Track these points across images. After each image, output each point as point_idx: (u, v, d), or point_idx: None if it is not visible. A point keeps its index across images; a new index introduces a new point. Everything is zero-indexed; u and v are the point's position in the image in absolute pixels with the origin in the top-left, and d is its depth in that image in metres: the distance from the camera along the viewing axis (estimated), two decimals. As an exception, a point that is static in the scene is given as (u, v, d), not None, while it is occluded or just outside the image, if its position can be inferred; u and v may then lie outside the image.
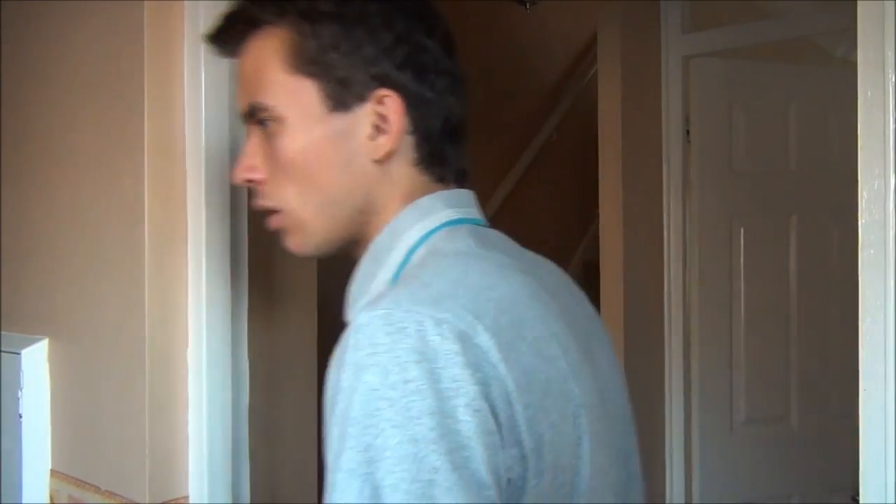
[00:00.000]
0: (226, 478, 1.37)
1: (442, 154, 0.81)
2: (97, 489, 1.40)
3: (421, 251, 0.76)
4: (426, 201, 0.79)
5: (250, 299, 1.43)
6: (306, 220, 0.79)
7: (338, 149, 0.77)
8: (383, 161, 0.78)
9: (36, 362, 1.50)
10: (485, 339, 0.63)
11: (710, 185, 2.55)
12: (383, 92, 0.77)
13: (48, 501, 1.50)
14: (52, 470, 1.50)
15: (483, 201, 3.45)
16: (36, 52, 1.55)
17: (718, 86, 2.56)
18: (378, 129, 0.77)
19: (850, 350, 1.01)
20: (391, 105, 0.77)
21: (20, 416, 1.49)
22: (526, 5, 3.56)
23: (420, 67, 0.78)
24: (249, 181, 0.81)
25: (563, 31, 3.84)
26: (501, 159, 3.53)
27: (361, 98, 0.77)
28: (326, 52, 0.76)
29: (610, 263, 2.63)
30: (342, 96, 0.76)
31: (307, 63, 0.76)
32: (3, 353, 1.53)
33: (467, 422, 0.60)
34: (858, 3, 0.90)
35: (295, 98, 0.77)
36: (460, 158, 0.85)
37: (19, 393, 1.49)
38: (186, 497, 1.35)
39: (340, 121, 0.77)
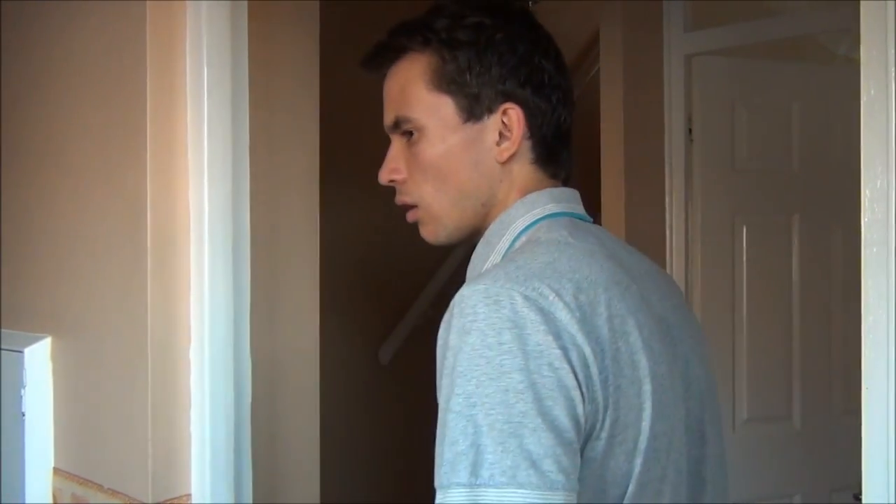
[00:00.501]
0: (228, 476, 1.37)
1: (555, 155, 0.96)
2: (100, 487, 1.40)
3: (523, 238, 0.91)
4: (534, 196, 0.94)
5: (252, 298, 1.43)
6: (441, 212, 0.95)
7: (469, 153, 0.93)
8: (506, 162, 0.94)
9: (39, 360, 1.50)
10: (563, 314, 0.78)
11: (712, 184, 2.55)
12: (508, 105, 0.93)
13: (51, 500, 1.50)
14: (54, 468, 1.50)
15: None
16: (39, 51, 1.56)
17: (721, 84, 2.55)
18: (502, 136, 0.93)
19: (852, 348, 1.01)
20: (513, 116, 0.93)
21: (23, 415, 1.49)
22: (528, 4, 3.56)
23: (538, 84, 0.94)
24: (392, 181, 0.97)
25: (565, 30, 3.83)
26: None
27: (490, 111, 0.93)
28: (462, 73, 0.92)
29: (612, 262, 2.63)
30: (474, 109, 0.93)
31: (446, 83, 0.93)
32: (6, 352, 1.54)
33: (550, 377, 0.75)
34: (861, 2, 0.89)
35: (435, 111, 0.93)
36: (569, 159, 0.99)
37: (22, 391, 1.49)
38: (189, 495, 1.35)
39: (472, 130, 0.93)
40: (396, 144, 0.97)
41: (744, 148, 2.58)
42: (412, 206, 0.97)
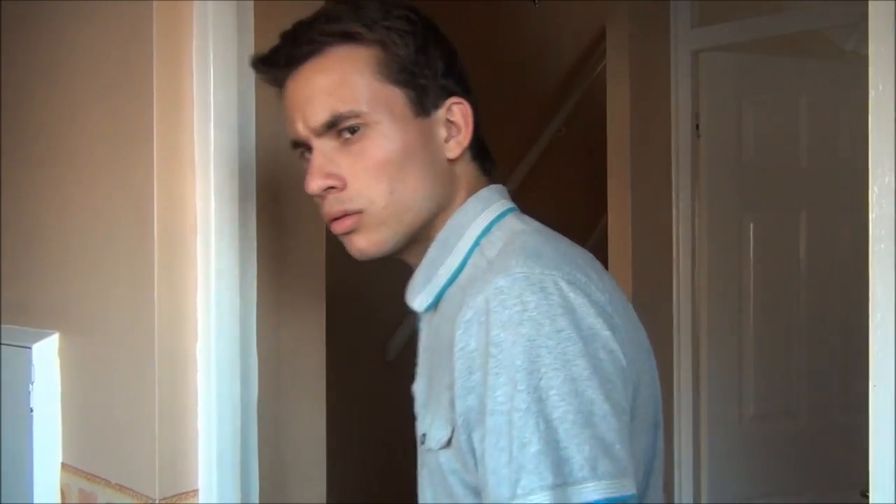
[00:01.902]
0: (235, 471, 1.37)
1: (486, 151, 0.95)
2: (108, 483, 1.40)
3: (497, 234, 0.87)
4: (485, 193, 0.92)
5: (259, 295, 1.43)
6: (393, 216, 0.87)
7: (425, 149, 0.88)
8: (454, 160, 0.90)
9: (47, 357, 1.51)
10: (599, 296, 0.78)
11: (719, 181, 2.54)
12: (454, 100, 0.90)
13: (59, 495, 1.51)
14: (62, 464, 1.51)
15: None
16: (46, 48, 1.56)
17: (728, 80, 2.55)
18: (449, 133, 0.90)
19: (860, 345, 1.01)
20: (460, 111, 0.90)
21: (31, 411, 1.50)
22: (534, 1, 3.55)
23: (464, 77, 0.93)
24: (329, 189, 0.87)
25: (571, 27, 3.83)
26: (509, 155, 3.52)
27: (436, 106, 0.89)
28: (411, 64, 0.87)
29: (618, 259, 2.63)
30: (423, 103, 0.88)
31: (395, 73, 0.87)
32: (14, 348, 1.54)
33: (607, 360, 0.74)
34: (869, -4, 0.89)
35: (387, 104, 0.86)
36: (488, 153, 0.97)
37: (30, 387, 1.50)
38: (196, 491, 1.36)
39: (423, 125, 0.88)
40: (324, 148, 0.87)
41: (751, 144, 2.57)
42: (350, 214, 0.87)
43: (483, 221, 0.89)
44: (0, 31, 1.66)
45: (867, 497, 0.90)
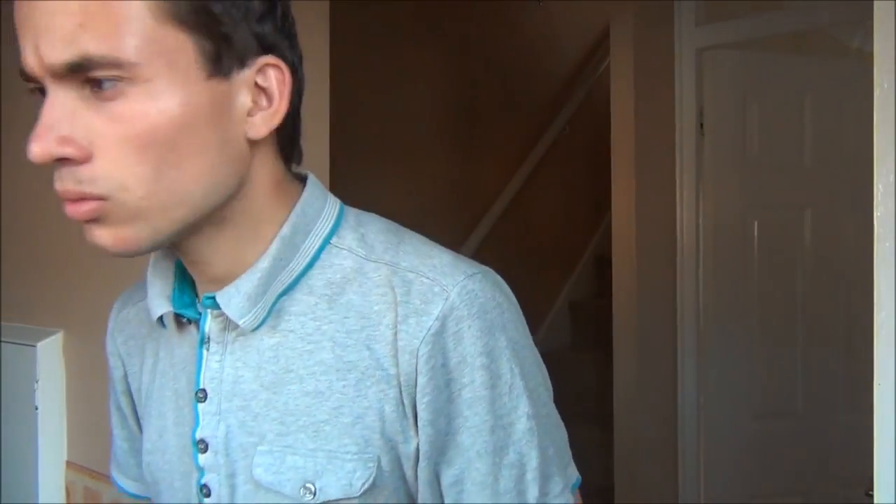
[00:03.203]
0: (239, 470, 1.37)
1: (296, 137, 0.72)
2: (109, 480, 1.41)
3: (361, 230, 0.71)
4: (317, 183, 0.73)
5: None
6: (154, 211, 0.61)
7: (215, 124, 0.62)
8: (259, 142, 0.66)
9: (51, 355, 1.51)
10: None
11: (723, 178, 2.54)
12: (269, 59, 0.64)
13: (64, 492, 1.51)
14: (67, 462, 1.51)
15: (495, 194, 3.45)
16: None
17: (732, 78, 2.54)
18: (256, 104, 0.65)
19: (864, 344, 1.01)
20: (275, 76, 0.64)
21: (36, 409, 1.50)
22: (537, 1, 3.55)
23: (292, 32, 0.68)
24: (62, 159, 0.60)
25: (575, 24, 3.82)
26: (513, 152, 3.52)
27: (242, 63, 0.63)
28: (212, 0, 0.61)
29: (622, 257, 2.63)
30: (223, 59, 0.62)
31: (188, 12, 0.60)
32: (19, 346, 1.55)
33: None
34: (874, -6, 0.89)
35: (167, 55, 0.59)
36: (300, 139, 0.73)
37: (35, 385, 1.50)
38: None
39: (218, 89, 0.62)
40: (64, 98, 0.60)
41: (755, 142, 2.56)
42: (90, 199, 0.61)
43: (330, 216, 0.71)
44: (0, 28, 1.66)
45: (871, 496, 0.90)
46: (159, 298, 0.73)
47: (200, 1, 0.60)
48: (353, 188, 2.55)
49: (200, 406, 0.71)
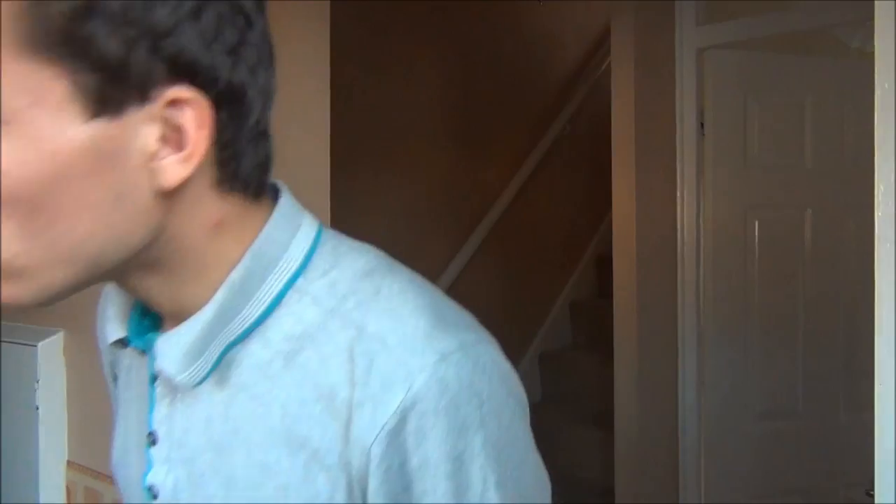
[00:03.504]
0: (240, 470, 1.37)
1: (249, 164, 0.56)
2: (113, 480, 1.41)
3: (332, 274, 0.57)
4: (285, 207, 0.59)
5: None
6: (31, 268, 0.51)
7: (101, 175, 0.50)
8: (178, 190, 0.52)
9: (52, 355, 1.51)
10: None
11: (724, 179, 2.54)
12: (178, 93, 0.50)
13: (65, 492, 1.51)
14: (68, 461, 1.51)
15: (495, 194, 3.44)
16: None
17: (733, 78, 2.54)
18: (166, 142, 0.51)
19: (864, 344, 1.01)
20: (189, 115, 0.50)
21: (37, 409, 1.50)
22: (538, 1, 3.55)
23: (236, 37, 0.52)
24: None
25: (576, 23, 3.82)
26: (514, 152, 3.52)
27: (142, 95, 0.49)
28: (89, 18, 0.47)
29: (623, 257, 2.63)
30: (111, 94, 0.49)
31: (55, 38, 0.47)
32: (19, 346, 1.55)
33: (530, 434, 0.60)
34: (875, -6, 0.89)
35: (29, 94, 0.48)
36: (268, 154, 0.58)
37: (36, 385, 1.50)
38: None
39: (105, 132, 0.49)
40: None
41: (756, 142, 2.56)
42: None
43: (298, 253, 0.58)
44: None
45: (872, 496, 0.90)
46: (114, 321, 0.63)
47: (73, 22, 0.47)
48: (353, 189, 2.56)
49: (152, 450, 0.62)
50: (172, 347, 0.57)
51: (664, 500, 2.57)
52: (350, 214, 2.63)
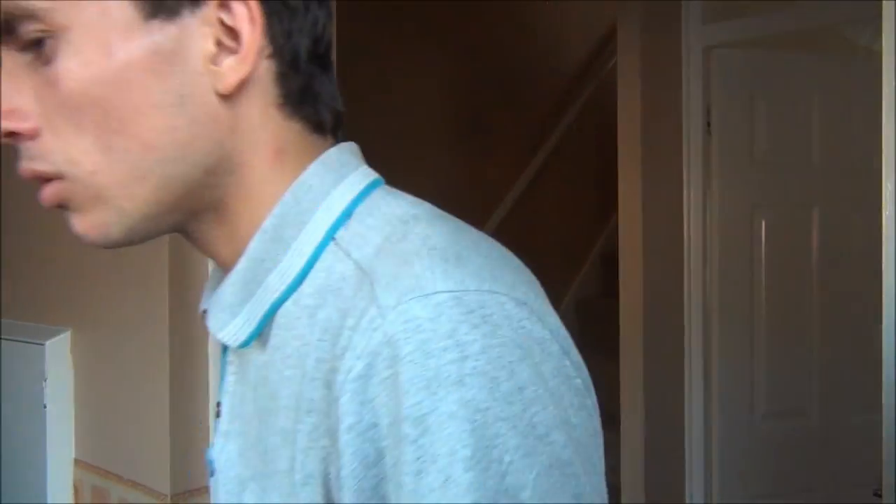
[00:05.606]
0: (246, 468, 1.38)
1: (313, 89, 0.56)
2: (120, 479, 1.41)
3: (366, 221, 0.53)
4: (336, 155, 0.56)
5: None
6: (111, 186, 0.52)
7: (163, 77, 0.50)
8: (232, 95, 0.52)
9: (59, 353, 1.52)
10: (553, 319, 0.50)
11: (731, 177, 2.53)
12: None
13: (72, 491, 1.52)
14: (75, 459, 1.52)
15: (502, 193, 3.44)
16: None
17: (740, 76, 2.53)
18: (223, 48, 0.52)
19: (872, 343, 1.00)
20: (242, 13, 0.51)
21: (44, 407, 1.51)
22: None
23: None
24: (11, 134, 0.52)
25: (582, 22, 3.82)
26: (520, 151, 3.52)
27: (193, 1, 0.51)
28: None
29: (629, 255, 2.62)
30: None
31: None
32: (27, 345, 1.55)
33: (582, 427, 0.47)
34: (883, -8, 0.88)
35: (91, 1, 0.49)
36: (335, 96, 0.58)
37: (43, 383, 1.51)
38: (207, 486, 1.37)
39: (163, 33, 0.50)
40: (9, 65, 0.52)
41: (763, 140, 2.56)
42: (49, 179, 0.53)
43: (340, 202, 0.54)
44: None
45: (880, 496, 0.90)
46: (205, 292, 0.63)
47: None
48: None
49: (216, 422, 0.60)
50: (216, 304, 0.56)
51: (671, 499, 2.57)
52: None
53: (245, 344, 0.55)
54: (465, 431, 0.42)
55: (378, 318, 0.45)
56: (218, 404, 0.61)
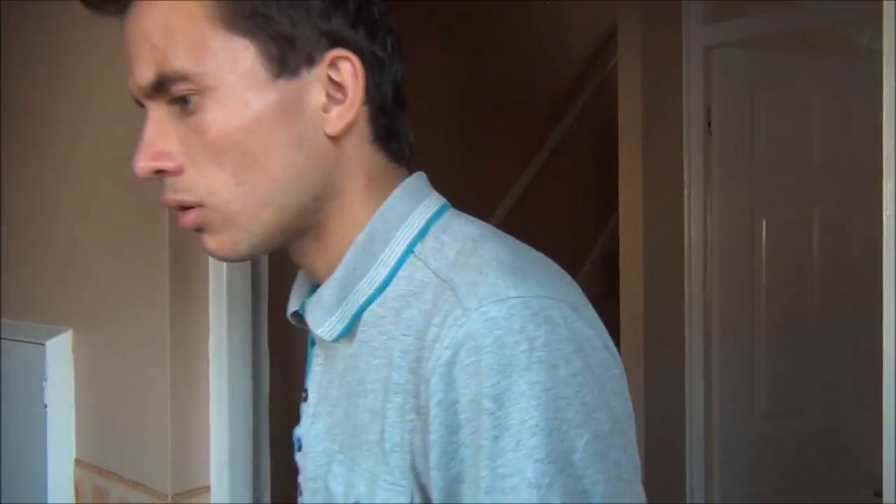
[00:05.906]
0: (246, 469, 1.38)
1: (395, 128, 0.71)
2: (121, 479, 1.41)
3: (441, 238, 0.65)
4: (414, 183, 0.70)
5: (270, 290, 1.44)
6: (245, 213, 0.65)
7: (287, 123, 0.64)
8: (340, 137, 0.66)
9: (60, 353, 1.52)
10: (597, 322, 0.62)
11: (731, 177, 2.53)
12: (337, 53, 0.65)
13: (73, 491, 1.52)
14: (76, 459, 1.52)
15: (503, 193, 3.44)
16: (58, 44, 1.57)
17: (740, 76, 2.53)
18: (332, 99, 0.65)
19: (872, 343, 1.00)
20: (347, 69, 0.65)
21: (45, 407, 1.51)
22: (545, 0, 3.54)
23: (371, 23, 0.67)
24: (159, 172, 0.65)
25: (583, 22, 3.82)
26: (521, 151, 3.52)
27: (310, 60, 0.64)
28: (267, 2, 0.63)
29: (629, 255, 2.62)
30: (288, 58, 0.64)
31: (244, 17, 0.63)
32: (27, 344, 1.55)
33: (619, 408, 0.59)
34: (883, -8, 0.88)
35: (229, 62, 0.63)
36: (409, 132, 0.73)
37: (44, 383, 1.51)
38: (208, 487, 1.37)
39: (287, 89, 0.64)
40: (158, 115, 0.66)
41: (763, 140, 2.56)
42: (190, 207, 0.66)
43: (418, 221, 0.67)
44: (0, 28, 1.67)
45: (881, 496, 0.90)
46: (293, 299, 0.78)
47: (254, 3, 0.62)
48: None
49: (303, 406, 0.75)
50: (314, 305, 0.69)
51: (671, 499, 2.57)
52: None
53: (338, 338, 0.68)
54: (532, 406, 0.54)
55: (462, 317, 0.57)
56: (304, 390, 0.75)
